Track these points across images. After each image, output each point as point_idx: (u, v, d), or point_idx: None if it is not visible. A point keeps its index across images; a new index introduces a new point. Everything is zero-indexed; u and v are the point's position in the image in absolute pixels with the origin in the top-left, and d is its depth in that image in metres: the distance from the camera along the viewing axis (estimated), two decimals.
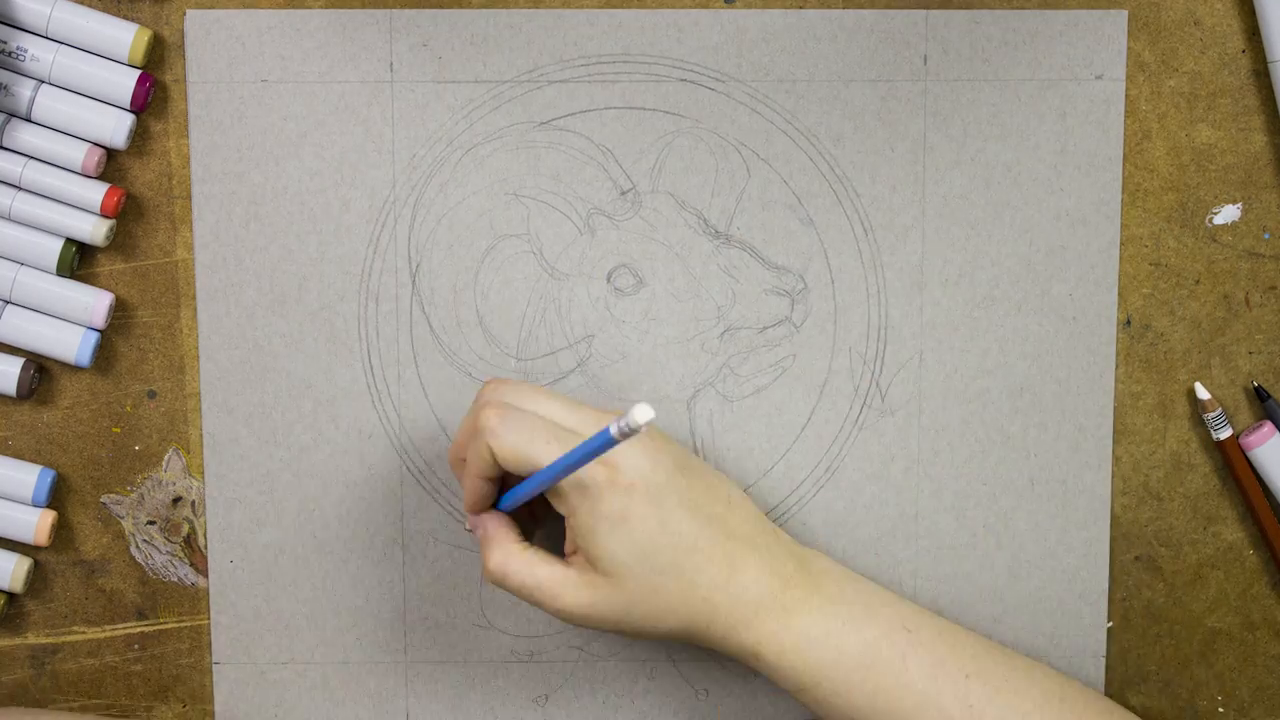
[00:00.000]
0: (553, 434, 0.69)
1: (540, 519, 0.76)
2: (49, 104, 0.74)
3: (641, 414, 0.58)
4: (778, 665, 0.71)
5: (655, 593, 0.69)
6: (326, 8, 0.76)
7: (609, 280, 0.77)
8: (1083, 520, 0.79)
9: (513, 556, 0.71)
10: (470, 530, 0.73)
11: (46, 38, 0.74)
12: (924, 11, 0.76)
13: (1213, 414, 0.78)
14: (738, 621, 0.71)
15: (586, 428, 0.70)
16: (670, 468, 0.70)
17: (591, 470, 0.69)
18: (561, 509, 0.70)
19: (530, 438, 0.69)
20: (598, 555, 0.69)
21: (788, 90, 0.77)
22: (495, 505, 0.73)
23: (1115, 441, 0.79)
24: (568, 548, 0.71)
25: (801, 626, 0.71)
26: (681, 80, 0.77)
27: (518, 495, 0.71)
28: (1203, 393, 0.78)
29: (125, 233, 0.77)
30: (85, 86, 0.74)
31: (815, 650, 0.71)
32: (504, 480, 0.72)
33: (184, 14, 0.75)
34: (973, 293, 0.78)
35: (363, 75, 0.76)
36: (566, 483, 0.69)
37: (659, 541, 0.69)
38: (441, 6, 0.76)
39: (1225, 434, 0.78)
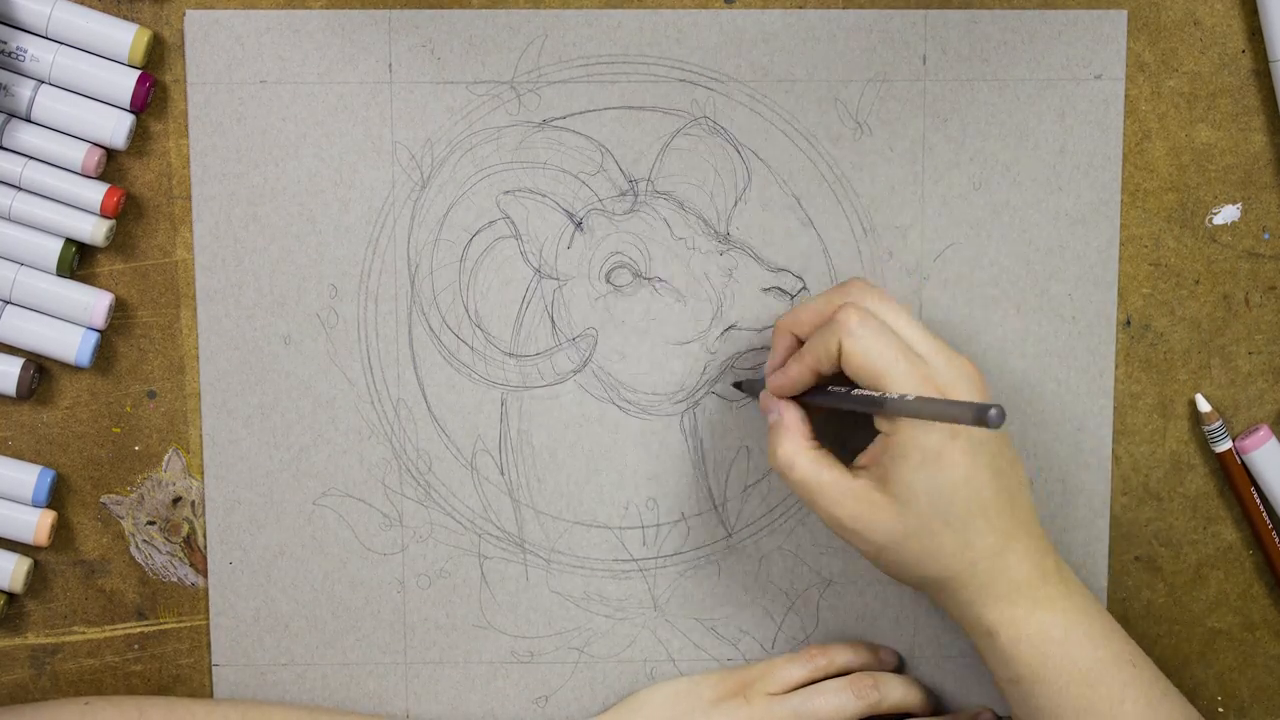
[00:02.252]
0: (905, 357, 0.69)
1: (815, 418, 0.75)
2: (49, 104, 0.74)
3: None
4: (1007, 651, 0.71)
5: (930, 537, 0.70)
6: (326, 8, 0.76)
7: (608, 280, 0.77)
8: (1083, 520, 0.79)
9: (803, 452, 0.72)
10: (764, 411, 0.74)
11: (46, 38, 0.74)
12: (923, 11, 0.76)
13: (1213, 425, 0.78)
14: (989, 595, 0.71)
15: (936, 360, 0.70)
16: (991, 435, 0.70)
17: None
18: (881, 425, 0.70)
19: (883, 354, 0.69)
20: (897, 481, 0.69)
21: (787, 90, 0.77)
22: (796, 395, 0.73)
23: (1115, 441, 0.79)
24: (864, 459, 0.72)
25: (1044, 622, 0.71)
26: (681, 80, 0.77)
27: (841, 401, 0.71)
28: (1203, 405, 0.78)
29: (125, 233, 0.77)
30: (85, 87, 0.74)
31: (1049, 649, 0.71)
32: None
33: (184, 14, 0.75)
34: (972, 293, 0.78)
35: (362, 76, 0.76)
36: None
37: (959, 492, 0.69)
38: (441, 7, 0.76)
39: (1224, 446, 0.78)
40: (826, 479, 0.71)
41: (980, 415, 0.61)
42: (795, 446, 0.72)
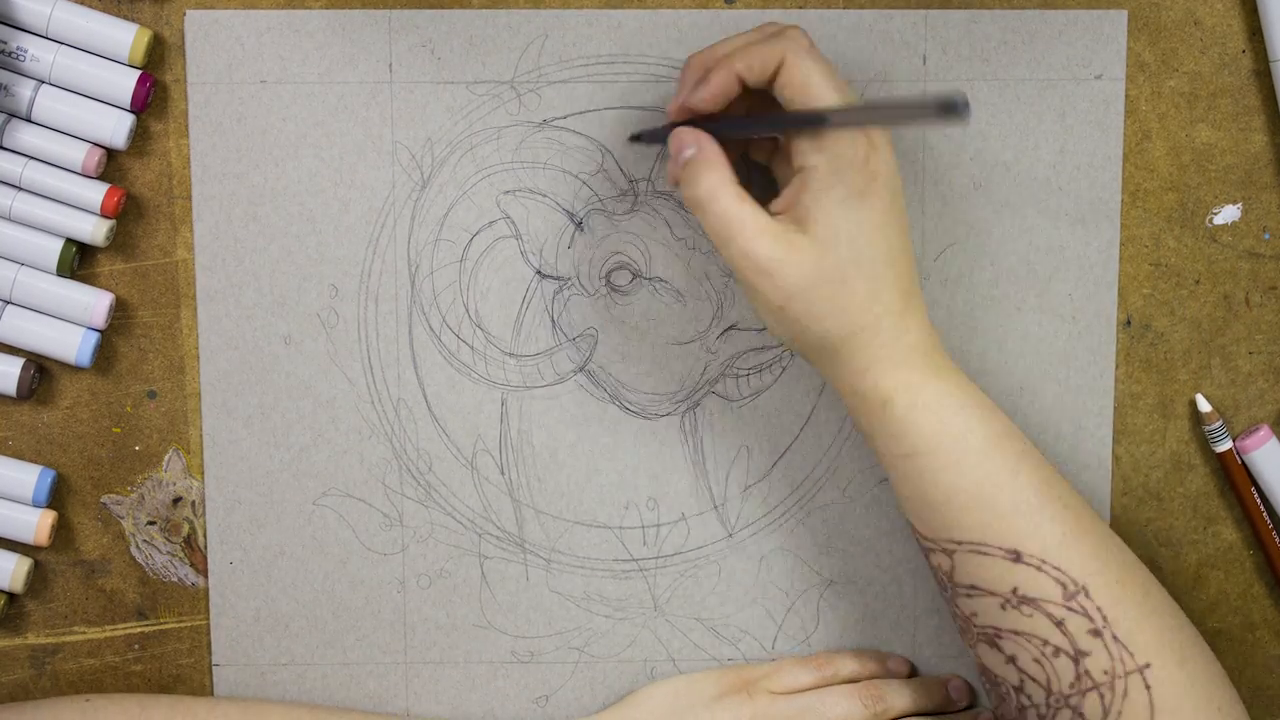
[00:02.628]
0: (841, 87, 0.67)
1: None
2: (49, 104, 0.74)
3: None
4: (903, 419, 0.69)
5: (843, 284, 0.67)
6: (326, 8, 0.76)
7: (608, 280, 0.77)
8: None
9: (727, 186, 0.67)
10: (677, 150, 0.69)
11: (46, 38, 0.74)
12: (923, 11, 0.76)
13: (1213, 425, 0.78)
14: (887, 358, 0.68)
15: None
16: (901, 186, 0.68)
17: (854, 138, 0.66)
18: (797, 159, 0.67)
19: (828, 74, 0.66)
20: (819, 219, 0.66)
21: None
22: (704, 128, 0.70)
23: (1115, 441, 0.79)
24: (779, 204, 0.68)
25: (942, 389, 0.69)
26: None
27: (765, 124, 0.67)
28: (1204, 405, 0.78)
29: (125, 233, 0.77)
30: (85, 86, 0.74)
31: (946, 416, 0.69)
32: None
33: (184, 14, 0.75)
34: (972, 293, 0.78)
35: (362, 76, 0.76)
36: (816, 140, 0.66)
37: (876, 235, 0.67)
38: (441, 7, 0.76)
39: (1225, 446, 0.78)
40: (748, 214, 0.67)
41: (947, 105, 0.55)
42: (719, 179, 0.68)
